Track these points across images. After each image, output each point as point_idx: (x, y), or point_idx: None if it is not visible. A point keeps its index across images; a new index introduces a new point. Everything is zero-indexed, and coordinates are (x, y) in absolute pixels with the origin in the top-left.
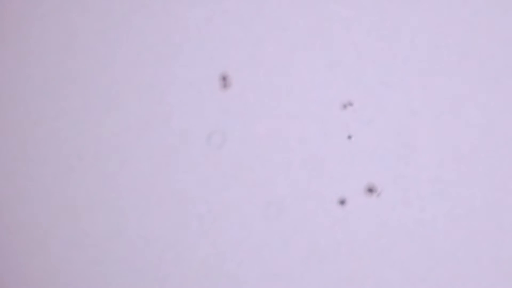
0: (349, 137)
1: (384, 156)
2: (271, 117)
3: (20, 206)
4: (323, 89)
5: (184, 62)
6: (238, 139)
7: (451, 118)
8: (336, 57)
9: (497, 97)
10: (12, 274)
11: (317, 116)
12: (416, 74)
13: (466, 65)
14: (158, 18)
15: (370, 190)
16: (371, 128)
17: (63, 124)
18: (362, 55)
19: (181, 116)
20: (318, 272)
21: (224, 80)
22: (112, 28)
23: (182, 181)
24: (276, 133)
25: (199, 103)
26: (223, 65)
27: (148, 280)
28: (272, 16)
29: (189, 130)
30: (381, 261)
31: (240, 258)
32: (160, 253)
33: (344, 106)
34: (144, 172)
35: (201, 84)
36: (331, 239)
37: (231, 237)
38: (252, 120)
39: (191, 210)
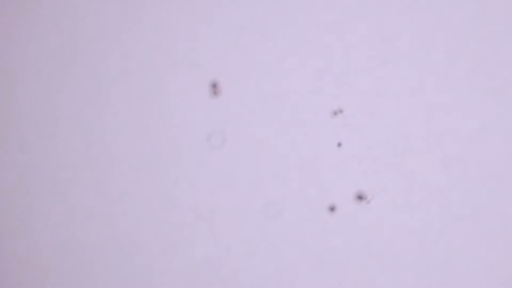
0: (339, 144)
1: (374, 163)
2: (261, 124)
3: (14, 209)
4: (313, 96)
5: (174, 69)
6: (228, 147)
7: (440, 125)
8: (326, 64)
9: (487, 104)
10: (5, 278)
11: (307, 123)
12: (406, 81)
13: (455, 72)
14: (150, 26)
15: (360, 197)
16: (361, 135)
17: (57, 128)
18: (352, 62)
19: (175, 122)
20: (308, 278)
21: (214, 87)
22: (105, 35)
23: (175, 186)
24: (266, 140)
25: (190, 110)
26: (213, 72)
27: (144, 284)
28: (262, 24)
29: (180, 137)
30: (371, 267)
31: (233, 263)
32: (155, 256)
33: (335, 113)
34: (138, 177)
35: (191, 91)
36: (322, 245)
37: (224, 241)
38: (241, 128)
39: (185, 215)
